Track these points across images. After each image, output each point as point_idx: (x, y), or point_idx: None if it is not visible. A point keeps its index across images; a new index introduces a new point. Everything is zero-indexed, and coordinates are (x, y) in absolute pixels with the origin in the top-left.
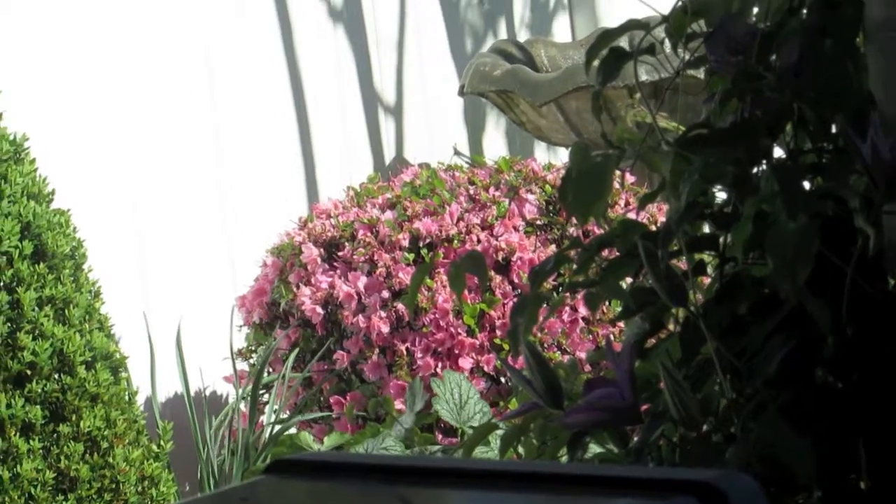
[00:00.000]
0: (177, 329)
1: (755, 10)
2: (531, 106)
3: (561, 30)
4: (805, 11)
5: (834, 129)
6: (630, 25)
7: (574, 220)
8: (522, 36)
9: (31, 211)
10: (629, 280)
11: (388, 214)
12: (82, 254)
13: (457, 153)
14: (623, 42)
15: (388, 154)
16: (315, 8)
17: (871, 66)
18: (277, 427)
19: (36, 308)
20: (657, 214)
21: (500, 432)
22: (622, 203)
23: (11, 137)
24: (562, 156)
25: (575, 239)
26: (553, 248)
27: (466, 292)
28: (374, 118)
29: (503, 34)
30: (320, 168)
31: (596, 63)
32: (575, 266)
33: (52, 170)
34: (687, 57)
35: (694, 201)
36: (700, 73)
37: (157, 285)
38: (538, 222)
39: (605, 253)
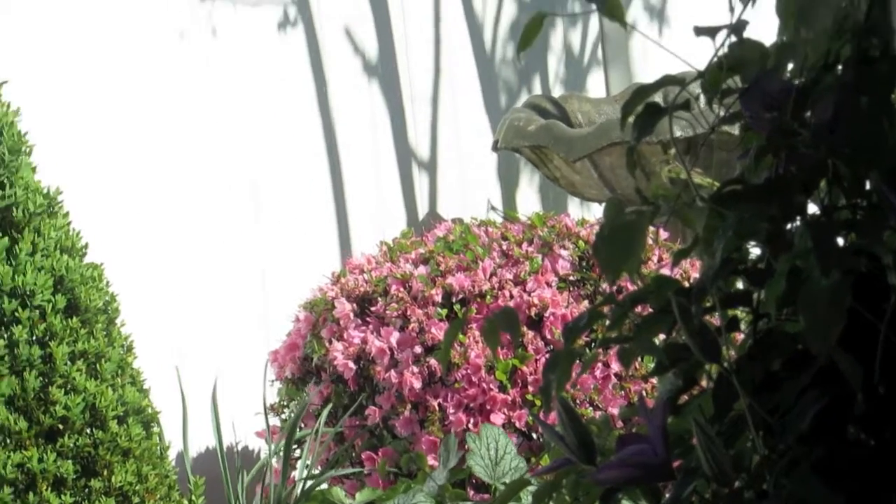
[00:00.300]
0: (213, 384)
1: (790, 66)
2: (565, 161)
3: (595, 85)
4: (840, 68)
5: (868, 186)
6: (665, 81)
7: (607, 276)
8: (557, 91)
9: (65, 265)
10: (662, 336)
11: (422, 270)
12: (115, 308)
13: (492, 209)
14: (657, 97)
15: (422, 209)
16: (350, 63)
17: None
18: (309, 482)
19: (68, 362)
20: (690, 270)
21: (532, 488)
22: (655, 259)
23: (45, 191)
24: (595, 211)
25: (609, 295)
26: (586, 303)
27: (499, 348)
28: (407, 173)
29: (537, 89)
30: (354, 223)
31: (631, 119)
32: (608, 322)
33: (86, 223)
34: (722, 113)
35: (728, 257)
36: (734, 129)
37: (191, 339)
38: (571, 278)
39: (639, 309)
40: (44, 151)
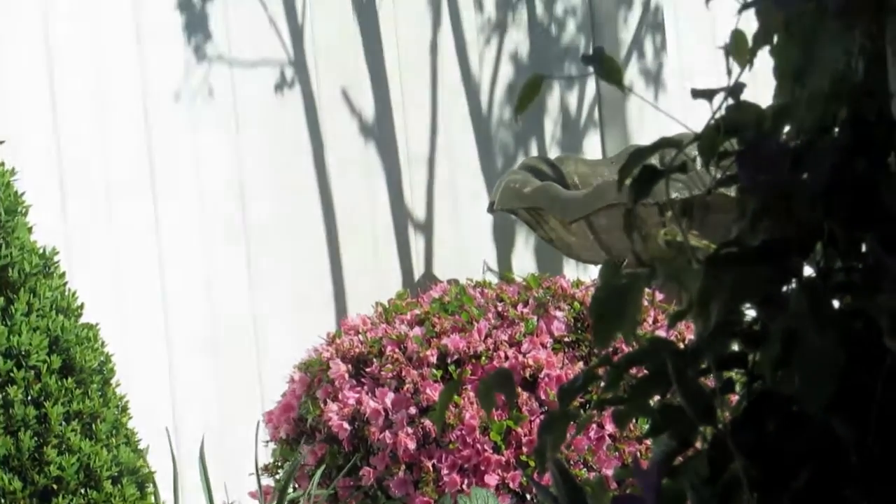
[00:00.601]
0: (200, 445)
1: (787, 128)
2: (561, 223)
3: (592, 147)
4: (837, 130)
5: (864, 249)
6: (662, 143)
7: (601, 340)
8: (553, 153)
9: (60, 325)
10: (657, 397)
11: (417, 331)
12: (110, 368)
13: (489, 269)
14: (654, 160)
15: (418, 270)
16: (347, 124)
17: None
18: None
19: (63, 422)
20: (685, 332)
21: None
22: (650, 320)
23: (41, 251)
24: (591, 273)
25: (605, 356)
26: (580, 365)
27: (493, 409)
28: (403, 234)
29: (534, 151)
30: (349, 283)
31: (627, 181)
32: (603, 383)
33: (82, 284)
34: (718, 175)
35: (723, 320)
36: (731, 191)
37: (186, 400)
38: (566, 339)
39: (634, 370)
40: (40, 212)
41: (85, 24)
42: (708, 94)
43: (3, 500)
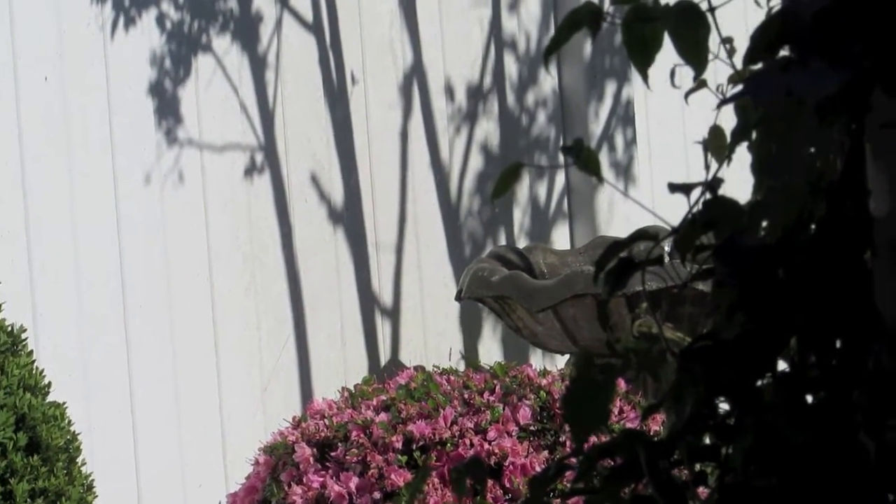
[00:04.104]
0: None
1: (764, 223)
2: (528, 312)
3: (560, 237)
4: (814, 227)
5: (838, 345)
6: (639, 236)
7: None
8: (522, 242)
9: (27, 403)
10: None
11: (383, 416)
12: (76, 447)
13: (462, 357)
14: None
15: (384, 356)
16: (316, 209)
17: (877, 281)
18: None
19: (28, 500)
20: (650, 423)
21: None
22: (616, 410)
23: (9, 329)
24: (558, 362)
25: (577, 447)
26: (545, 454)
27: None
28: (370, 320)
29: (503, 240)
30: (316, 368)
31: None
32: (575, 473)
33: (50, 362)
34: (692, 268)
35: (697, 412)
36: (704, 285)
37: (151, 481)
38: (532, 428)
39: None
40: (8, 290)
41: (57, 107)
42: (685, 189)
43: None
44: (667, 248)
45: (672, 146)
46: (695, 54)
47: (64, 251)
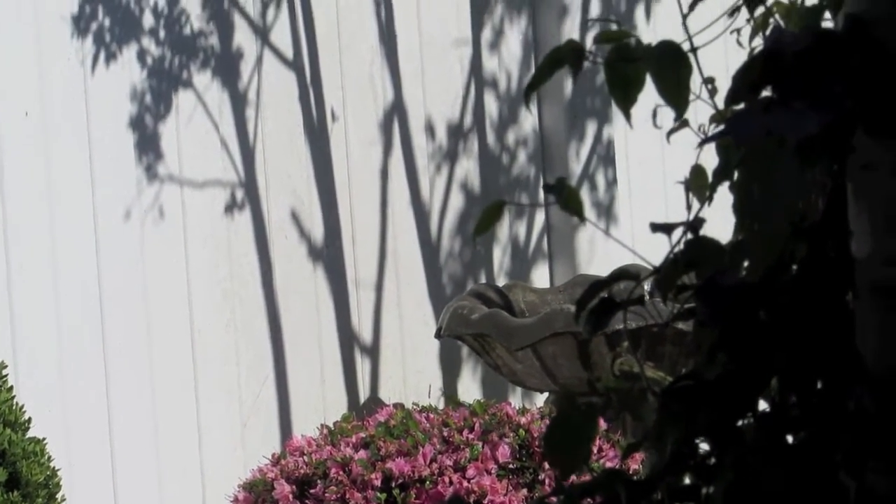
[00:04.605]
0: None
1: (746, 263)
2: (507, 350)
3: (540, 276)
4: (795, 267)
5: (819, 386)
6: (620, 276)
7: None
8: (501, 281)
9: (7, 439)
10: None
11: (362, 454)
12: (56, 483)
13: (442, 394)
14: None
15: (363, 393)
16: (296, 246)
17: (858, 323)
18: None
19: None
20: (629, 462)
21: None
22: (595, 449)
23: None
24: (537, 400)
25: (558, 485)
26: (524, 492)
27: None
28: (350, 357)
29: (482, 279)
30: (295, 405)
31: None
32: None
33: (30, 398)
34: (673, 307)
35: (678, 452)
36: (683, 324)
37: None
38: (511, 466)
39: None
40: None
41: (37, 142)
42: (667, 228)
43: None
44: (646, 288)
45: (652, 186)
46: (676, 95)
47: (44, 285)
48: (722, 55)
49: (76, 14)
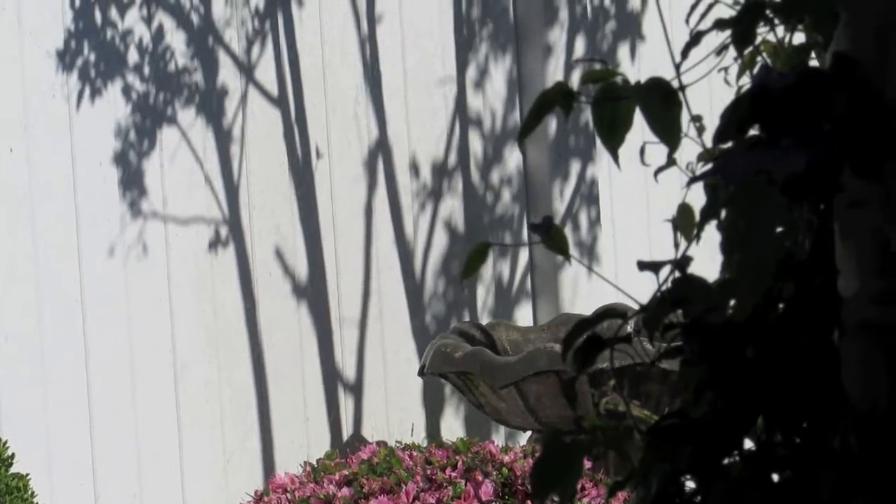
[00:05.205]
0: None
1: (732, 302)
2: (491, 388)
3: (523, 315)
4: (782, 306)
5: (805, 425)
6: (607, 314)
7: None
8: (485, 319)
9: None
10: None
11: (345, 491)
12: None
13: (427, 433)
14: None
15: (347, 431)
16: (280, 284)
17: (845, 361)
18: None
19: None
20: (613, 501)
21: None
22: (578, 487)
23: None
24: (520, 439)
25: None
26: None
27: None
28: (333, 395)
29: (466, 317)
30: (279, 442)
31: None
32: None
33: (14, 433)
34: (661, 347)
35: (664, 490)
36: (666, 363)
37: None
38: None
39: None
40: None
41: (21, 177)
42: (654, 267)
43: None
44: (629, 327)
45: (635, 225)
46: (668, 133)
47: (27, 321)
48: (705, 94)
49: (61, 50)
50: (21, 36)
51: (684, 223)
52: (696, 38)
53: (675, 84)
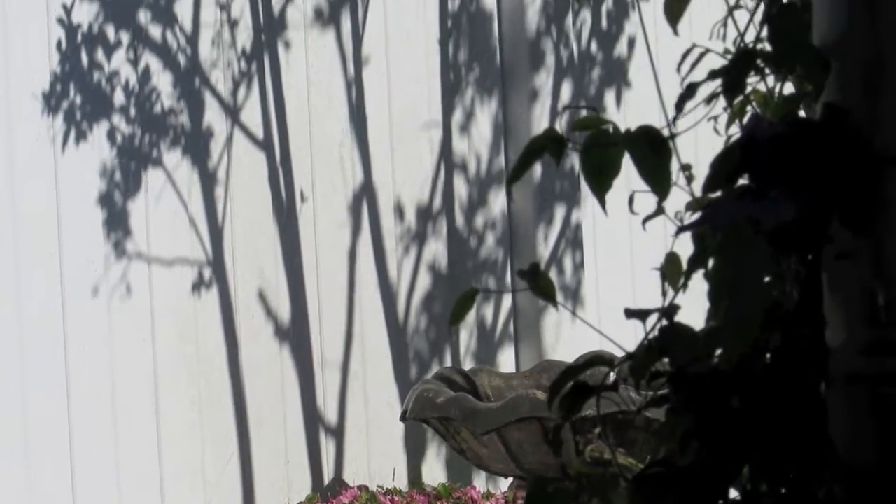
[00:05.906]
0: None
1: (719, 351)
2: (473, 434)
3: (506, 360)
4: (769, 356)
5: (791, 475)
6: (594, 361)
7: None
8: (467, 364)
9: None
10: None
11: None
12: None
13: (411, 482)
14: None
15: (328, 474)
16: (263, 327)
17: (831, 412)
18: None
19: None
20: None
21: None
22: None
23: None
24: (501, 485)
25: None
26: None
27: None
28: (314, 438)
29: (448, 362)
30: (259, 485)
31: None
32: None
33: None
34: (646, 395)
35: None
36: (650, 411)
37: None
38: None
39: None
40: None
41: (6, 219)
42: (641, 315)
43: None
44: (612, 374)
45: (619, 270)
46: (659, 180)
47: (10, 359)
48: (691, 142)
49: (47, 92)
50: (7, 77)
51: (671, 272)
52: (690, 90)
53: (665, 132)
